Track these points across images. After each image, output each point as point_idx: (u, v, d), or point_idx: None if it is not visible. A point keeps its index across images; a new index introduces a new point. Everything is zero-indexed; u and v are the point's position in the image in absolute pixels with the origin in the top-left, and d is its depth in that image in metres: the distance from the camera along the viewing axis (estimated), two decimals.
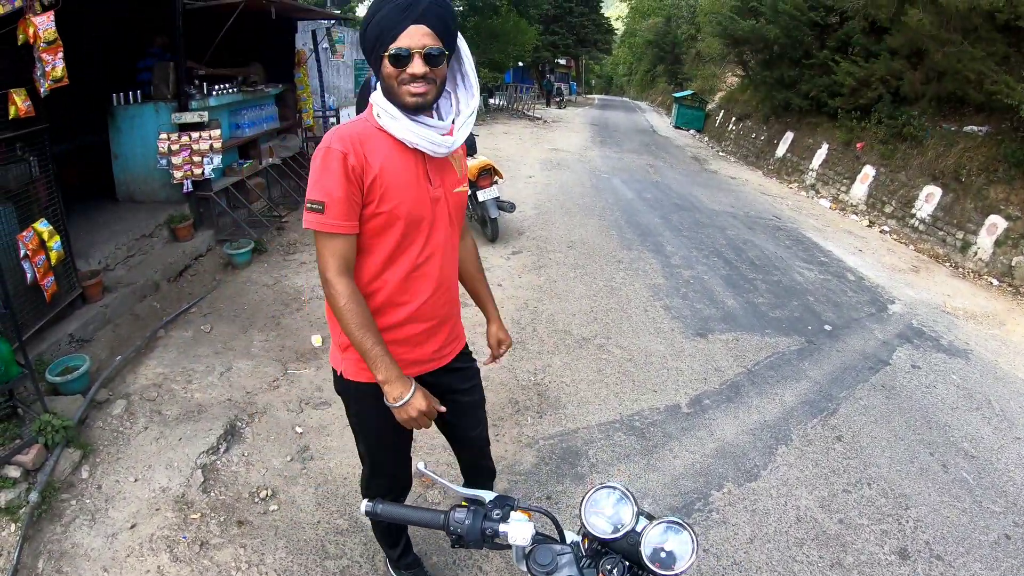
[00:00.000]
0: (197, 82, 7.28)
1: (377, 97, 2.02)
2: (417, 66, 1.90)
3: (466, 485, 2.59)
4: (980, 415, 5.32)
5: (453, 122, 2.10)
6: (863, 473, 4.31)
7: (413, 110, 1.97)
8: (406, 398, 1.97)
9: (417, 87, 1.92)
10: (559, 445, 4.23)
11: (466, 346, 2.59)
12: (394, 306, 2.15)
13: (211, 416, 4.20)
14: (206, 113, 6.95)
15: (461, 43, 2.07)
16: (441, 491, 3.64)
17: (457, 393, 2.48)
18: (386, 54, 1.91)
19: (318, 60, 10.82)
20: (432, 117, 2.05)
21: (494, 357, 2.68)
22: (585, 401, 4.80)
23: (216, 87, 7.48)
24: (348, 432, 4.04)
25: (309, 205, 1.94)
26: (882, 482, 4.23)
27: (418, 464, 1.65)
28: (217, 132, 6.97)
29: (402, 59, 1.90)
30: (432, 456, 3.95)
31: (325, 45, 11.53)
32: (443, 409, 2.06)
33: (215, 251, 7.07)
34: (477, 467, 2.86)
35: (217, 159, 7.01)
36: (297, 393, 4.56)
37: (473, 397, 2.63)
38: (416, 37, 1.88)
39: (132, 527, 3.28)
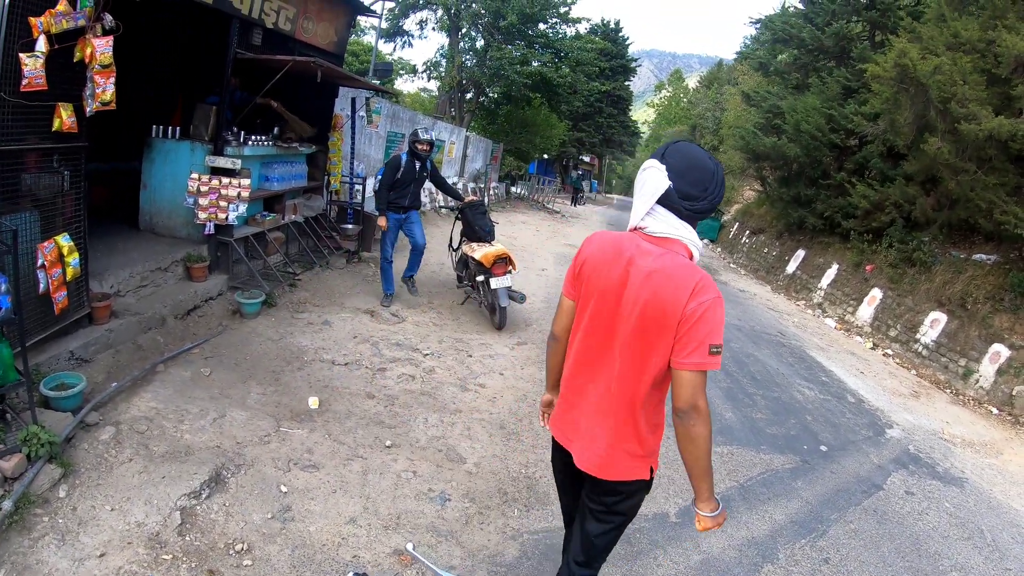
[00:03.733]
0: (235, 130, 7.47)
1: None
2: None
3: None
4: (971, 544, 5.26)
5: None
6: None
7: None
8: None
9: None
10: (543, 541, 4.16)
11: (615, 486, 2.60)
12: None
13: (198, 460, 4.17)
14: (239, 161, 7.07)
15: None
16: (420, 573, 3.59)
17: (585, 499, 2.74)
18: None
19: (353, 127, 11.04)
20: None
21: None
22: None
23: (252, 138, 7.65)
24: (332, 499, 4.07)
25: (712, 349, 2.27)
26: None
27: (406, 545, 1.65)
28: (247, 181, 7.07)
29: None
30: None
31: (362, 113, 11.81)
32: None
33: (226, 297, 7.12)
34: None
35: (243, 207, 7.11)
36: (287, 452, 4.52)
37: (588, 522, 2.72)
38: None
39: (101, 556, 3.24)
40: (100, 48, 4.55)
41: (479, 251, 8.17)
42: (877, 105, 14.56)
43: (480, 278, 8.24)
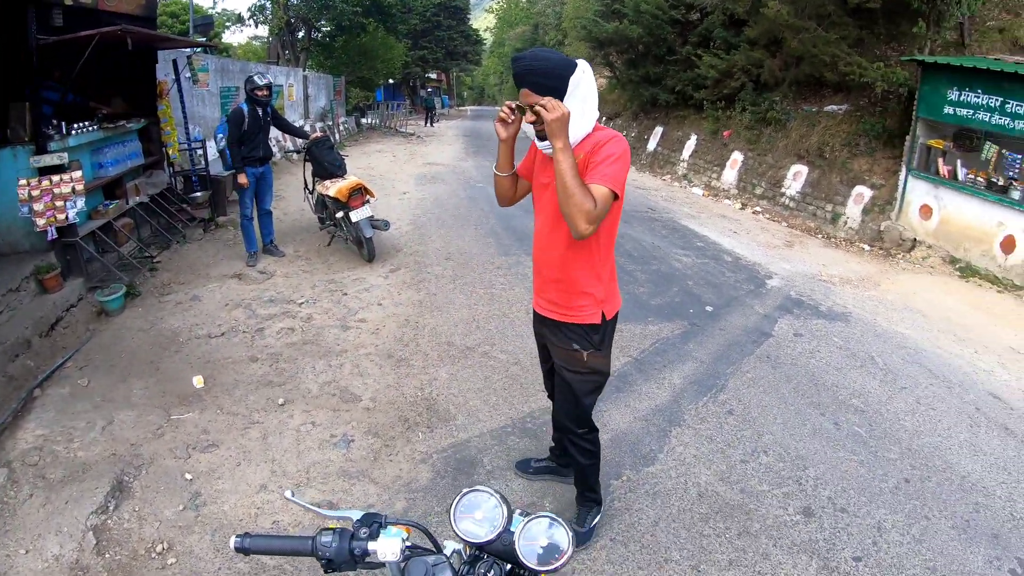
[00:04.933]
0: (55, 122, 6.90)
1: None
2: (528, 115, 2.65)
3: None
4: (865, 371, 5.64)
5: None
6: (758, 442, 4.48)
7: (539, 137, 2.80)
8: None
9: (536, 126, 2.72)
10: (454, 457, 4.21)
11: (574, 329, 3.06)
12: None
13: (97, 473, 3.98)
14: (66, 154, 6.58)
15: (578, 80, 2.69)
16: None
17: (551, 351, 3.25)
18: None
19: (180, 91, 10.43)
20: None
21: None
22: (475, 410, 4.79)
23: (76, 126, 7.08)
24: (239, 472, 3.99)
25: None
26: (778, 448, 4.41)
27: (285, 492, 1.62)
28: (79, 173, 6.58)
29: (523, 110, 2.68)
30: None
31: (187, 74, 11.16)
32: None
33: (87, 300, 6.68)
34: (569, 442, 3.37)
35: (81, 202, 6.62)
36: (183, 438, 4.37)
37: (560, 366, 3.18)
38: (525, 97, 2.68)
39: None
40: None
41: (333, 187, 7.96)
42: None
43: (340, 214, 8.06)
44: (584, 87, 2.71)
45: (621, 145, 2.75)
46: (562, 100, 2.62)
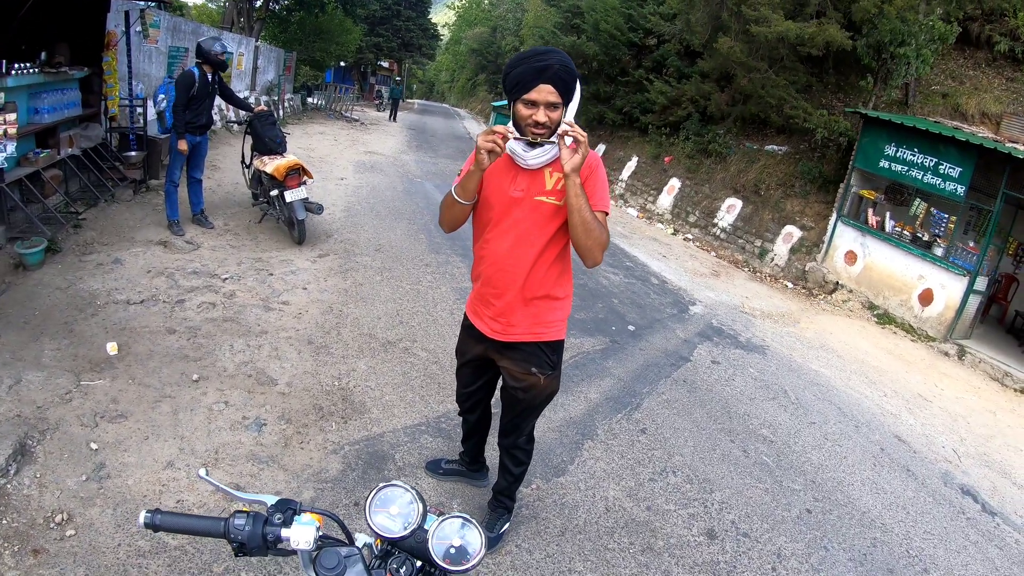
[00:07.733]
0: None
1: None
2: (541, 115, 2.53)
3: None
4: (777, 404, 5.84)
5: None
6: (668, 462, 4.58)
7: (530, 145, 2.62)
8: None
9: (539, 129, 2.55)
10: (365, 450, 4.18)
11: (533, 352, 3.07)
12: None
13: None
14: (2, 94, 6.25)
15: (576, 91, 2.66)
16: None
17: (504, 372, 3.17)
18: (520, 100, 2.56)
19: (128, 44, 10.04)
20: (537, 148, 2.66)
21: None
22: (391, 405, 4.77)
23: (16, 66, 6.74)
24: (146, 446, 3.89)
25: None
26: (686, 469, 4.53)
27: (199, 471, 1.59)
28: (13, 116, 6.26)
29: (531, 105, 2.54)
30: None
31: (138, 28, 10.79)
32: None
33: (5, 250, 6.38)
34: (505, 449, 3.44)
35: (11, 146, 6.32)
36: (91, 406, 4.22)
37: (514, 387, 3.15)
38: (543, 93, 2.51)
39: None
40: None
41: (270, 164, 7.79)
42: (674, 5, 15.12)
43: (274, 192, 7.89)
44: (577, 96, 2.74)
45: (602, 165, 2.83)
46: (568, 105, 2.63)
